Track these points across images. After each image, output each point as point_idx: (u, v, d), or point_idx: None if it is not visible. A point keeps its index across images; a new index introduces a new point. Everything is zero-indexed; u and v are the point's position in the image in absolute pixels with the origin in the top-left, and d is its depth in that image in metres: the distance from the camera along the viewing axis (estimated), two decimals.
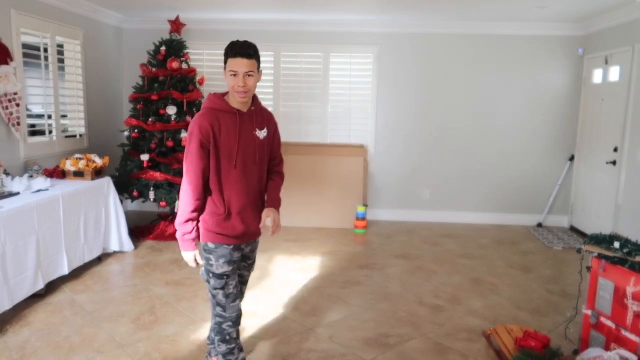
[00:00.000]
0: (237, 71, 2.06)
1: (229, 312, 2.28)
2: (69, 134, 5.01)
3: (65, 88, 4.90)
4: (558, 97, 5.83)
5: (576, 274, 2.95)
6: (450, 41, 5.78)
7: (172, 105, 4.90)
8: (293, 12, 5.29)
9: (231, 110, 2.14)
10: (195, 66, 5.40)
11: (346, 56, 5.88)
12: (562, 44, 5.72)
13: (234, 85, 2.08)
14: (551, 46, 5.73)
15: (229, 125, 2.13)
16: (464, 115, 5.90)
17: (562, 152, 5.91)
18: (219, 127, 2.11)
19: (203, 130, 2.09)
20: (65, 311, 3.31)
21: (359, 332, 3.10)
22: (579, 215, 5.74)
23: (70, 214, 3.80)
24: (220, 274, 2.22)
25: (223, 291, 2.24)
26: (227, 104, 2.15)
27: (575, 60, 5.73)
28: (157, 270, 4.12)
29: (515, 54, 5.76)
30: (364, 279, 4.05)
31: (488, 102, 5.87)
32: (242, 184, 2.19)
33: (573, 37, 5.69)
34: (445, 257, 4.68)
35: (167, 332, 3.05)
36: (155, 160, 4.89)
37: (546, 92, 5.82)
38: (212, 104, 2.15)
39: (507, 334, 2.90)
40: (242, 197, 2.20)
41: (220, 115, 2.12)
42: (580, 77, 5.73)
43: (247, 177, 2.19)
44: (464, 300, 3.66)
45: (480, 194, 6.03)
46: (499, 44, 5.76)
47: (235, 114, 2.14)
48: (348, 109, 5.96)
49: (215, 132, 2.10)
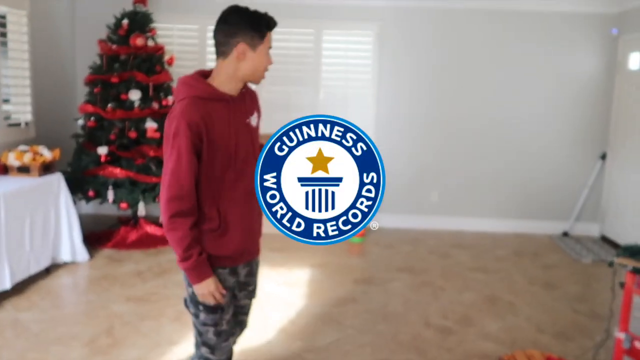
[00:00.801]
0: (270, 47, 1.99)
1: (219, 354, 2.08)
2: (12, 122, 4.97)
3: (8, 67, 4.86)
4: (588, 85, 5.88)
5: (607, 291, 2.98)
6: (463, 18, 5.81)
7: (135, 89, 4.87)
8: None
9: (222, 97, 1.94)
10: (164, 43, 5.37)
11: (342, 34, 5.90)
12: (593, 23, 5.76)
13: (267, 66, 1.98)
14: (580, 25, 5.77)
15: (222, 117, 1.93)
16: (478, 106, 5.94)
17: (593, 149, 5.97)
18: (211, 121, 1.89)
19: (194, 128, 1.85)
20: (6, 332, 3.29)
21: (353, 359, 3.11)
22: (612, 223, 5.80)
23: (13, 218, 3.76)
24: (214, 306, 2.00)
25: (215, 329, 2.04)
26: (214, 89, 1.94)
27: (609, 42, 5.78)
28: (116, 284, 4.10)
29: (539, 35, 5.80)
30: (361, 296, 4.06)
31: (506, 91, 5.91)
32: (240, 188, 2.00)
33: (606, 15, 5.74)
34: (455, 271, 4.71)
35: (128, 356, 3.03)
36: (115, 155, 4.86)
37: (574, 80, 5.87)
38: (197, 92, 1.91)
39: None
40: (240, 204, 2.01)
41: (210, 106, 1.90)
42: (615, 62, 5.78)
43: (244, 178, 2.00)
44: (477, 321, 3.69)
45: (497, 197, 6.07)
46: (519, 23, 5.80)
47: (227, 102, 1.95)
48: (344, 96, 5.98)
49: (209, 128, 1.88)
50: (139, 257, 4.70)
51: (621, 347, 2.72)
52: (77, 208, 4.75)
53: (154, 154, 4.87)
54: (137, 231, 5.13)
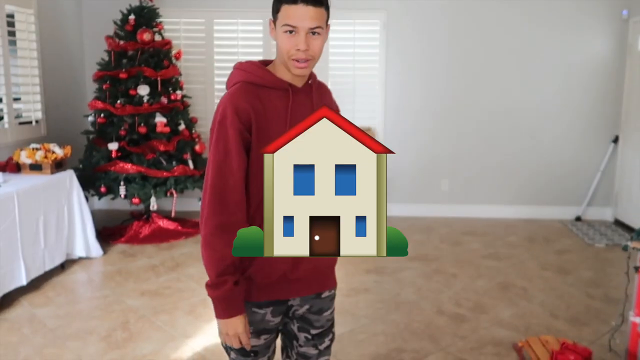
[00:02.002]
0: (298, 26, 1.51)
1: None
2: (23, 120, 5.00)
3: (18, 66, 4.88)
4: (599, 68, 5.81)
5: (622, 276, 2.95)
6: (472, 4, 5.75)
7: (144, 84, 4.88)
8: None
9: (281, 85, 1.60)
10: (171, 38, 5.37)
11: (349, 24, 5.85)
12: (602, 5, 5.69)
13: (290, 49, 1.53)
14: (590, 8, 5.70)
15: (279, 108, 1.59)
16: (487, 92, 5.89)
17: (605, 133, 5.91)
18: (264, 111, 1.56)
19: (242, 115, 1.53)
20: (23, 328, 3.32)
21: (367, 348, 3.11)
22: (625, 207, 5.75)
23: (27, 215, 3.79)
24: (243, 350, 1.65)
25: None
26: (273, 75, 1.61)
27: (619, 24, 5.70)
28: (130, 279, 4.13)
29: (548, 19, 5.74)
30: (373, 286, 4.06)
31: (516, 76, 5.86)
32: None
33: None
34: (467, 259, 4.69)
35: (144, 350, 3.05)
36: (125, 150, 4.88)
37: (585, 63, 5.80)
38: (250, 77, 1.60)
39: (542, 346, 2.91)
40: None
41: (264, 94, 1.58)
42: (625, 44, 5.70)
43: None
44: (490, 308, 3.67)
45: (508, 183, 6.03)
46: (528, 6, 5.73)
47: (287, 91, 1.60)
48: (352, 85, 5.95)
49: (260, 119, 1.55)
50: (152, 252, 4.73)
51: (637, 332, 2.70)
52: (90, 204, 4.79)
53: (164, 149, 4.88)
54: (150, 226, 5.16)
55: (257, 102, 1.55)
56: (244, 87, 1.57)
